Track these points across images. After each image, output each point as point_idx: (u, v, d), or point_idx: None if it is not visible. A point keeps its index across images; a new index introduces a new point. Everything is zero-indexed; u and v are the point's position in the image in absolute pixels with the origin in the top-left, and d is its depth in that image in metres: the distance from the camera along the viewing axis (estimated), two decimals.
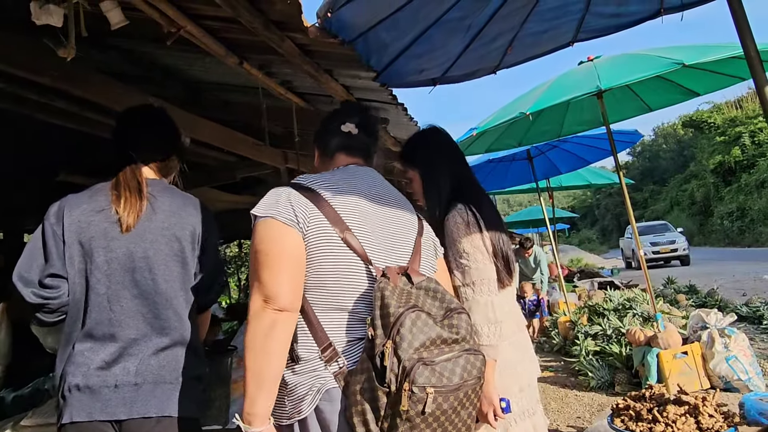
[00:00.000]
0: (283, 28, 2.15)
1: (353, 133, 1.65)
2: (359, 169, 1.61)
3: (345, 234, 1.39)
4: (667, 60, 3.74)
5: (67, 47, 1.69)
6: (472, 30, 2.72)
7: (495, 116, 4.57)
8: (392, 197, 1.60)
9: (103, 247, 1.69)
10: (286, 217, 1.38)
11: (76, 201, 1.75)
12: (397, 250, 1.50)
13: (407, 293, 1.36)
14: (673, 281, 9.99)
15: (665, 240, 19.24)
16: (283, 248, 1.36)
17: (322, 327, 1.39)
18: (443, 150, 2.18)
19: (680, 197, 36.49)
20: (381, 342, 1.27)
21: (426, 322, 1.29)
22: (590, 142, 7.09)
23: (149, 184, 1.82)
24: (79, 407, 1.61)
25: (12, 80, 2.61)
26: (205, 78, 3.36)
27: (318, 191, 1.44)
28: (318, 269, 1.39)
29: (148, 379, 1.66)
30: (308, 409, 1.35)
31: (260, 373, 1.31)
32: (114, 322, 1.67)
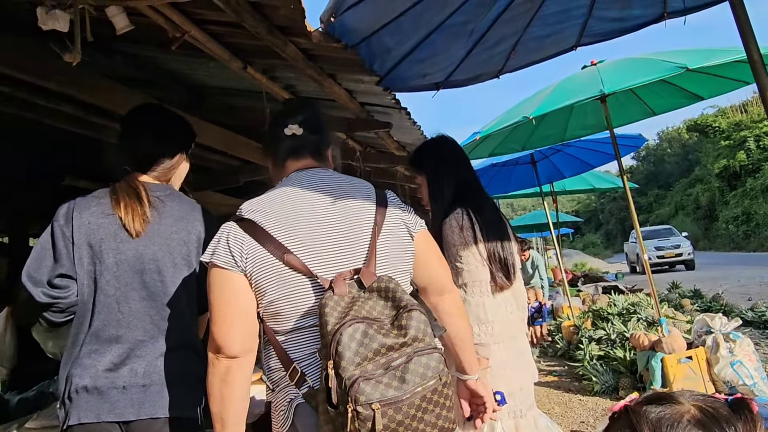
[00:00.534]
0: (286, 33, 2.16)
1: (298, 134, 1.58)
2: (302, 174, 1.54)
3: (286, 257, 1.35)
4: (671, 64, 3.75)
5: (73, 52, 1.70)
6: (475, 34, 2.73)
7: (498, 120, 4.58)
8: (340, 193, 1.50)
9: (113, 249, 1.71)
10: (223, 261, 1.37)
11: (85, 203, 1.76)
12: (348, 251, 1.42)
13: (353, 301, 1.29)
14: (677, 286, 9.95)
15: (670, 244, 19.18)
16: (226, 296, 1.37)
17: (285, 351, 1.39)
18: (449, 157, 2.29)
19: (685, 201, 36.39)
20: (324, 363, 1.23)
21: (366, 333, 1.22)
22: (594, 146, 7.09)
23: (153, 189, 1.83)
24: (87, 408, 1.62)
25: (19, 85, 2.64)
26: (209, 82, 3.38)
27: (254, 220, 1.40)
28: (269, 299, 1.37)
29: (156, 380, 1.67)
30: (287, 423, 1.37)
31: (222, 416, 1.37)
32: (122, 323, 1.68)
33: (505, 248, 2.18)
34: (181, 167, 1.97)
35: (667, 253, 18.85)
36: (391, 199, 1.56)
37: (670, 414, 0.81)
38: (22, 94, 2.70)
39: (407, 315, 1.27)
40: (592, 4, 2.69)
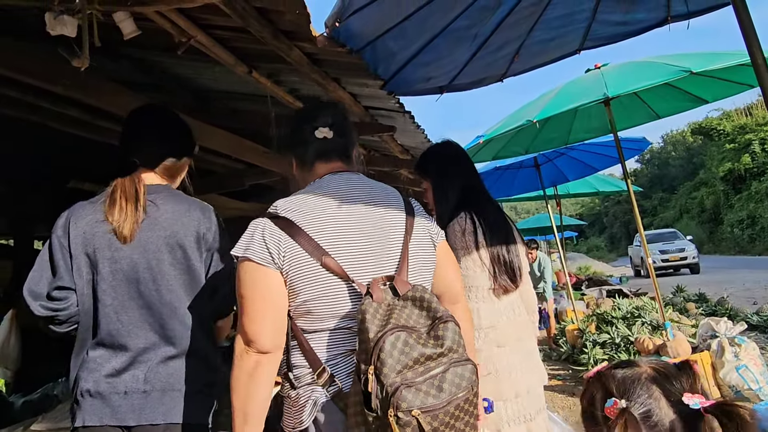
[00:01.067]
0: (291, 38, 2.18)
1: (328, 137, 1.58)
2: (335, 178, 1.55)
3: (324, 259, 1.37)
4: (675, 67, 3.74)
5: (81, 57, 1.72)
6: (479, 38, 2.74)
7: (502, 124, 4.58)
8: (374, 199, 1.53)
9: (108, 258, 1.69)
10: (260, 257, 1.37)
11: (81, 211, 1.75)
12: (382, 258, 1.45)
13: (391, 309, 1.32)
14: (682, 289, 9.91)
15: (674, 248, 19.10)
16: (260, 292, 1.38)
17: (314, 352, 1.40)
18: (453, 162, 2.32)
19: (690, 205, 36.26)
20: (364, 368, 1.25)
21: (407, 341, 1.25)
22: (598, 149, 7.07)
23: (152, 191, 1.80)
24: (91, 412, 1.64)
25: (26, 89, 2.66)
26: (215, 87, 3.40)
27: (291, 218, 1.41)
28: (303, 298, 1.38)
29: (157, 386, 1.67)
30: (308, 420, 1.38)
31: (245, 411, 1.37)
32: (122, 333, 1.68)
33: (510, 251, 2.19)
34: (181, 167, 1.95)
35: (671, 256, 18.77)
36: (416, 207, 1.60)
37: (631, 374, 1.09)
38: (29, 98, 2.72)
39: (443, 326, 1.30)
40: (596, 8, 2.70)
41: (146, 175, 1.83)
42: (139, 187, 1.77)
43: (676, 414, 1.02)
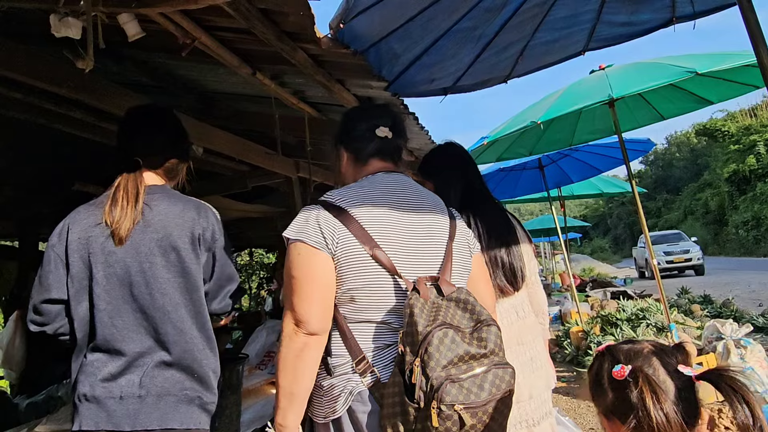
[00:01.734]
0: (295, 39, 2.18)
1: (388, 137, 1.64)
2: (388, 176, 1.60)
3: (374, 251, 1.42)
4: (680, 68, 3.73)
5: (86, 59, 1.72)
6: (483, 40, 2.73)
7: (506, 125, 4.58)
8: (422, 202, 1.59)
9: (102, 263, 1.68)
10: (315, 241, 1.42)
11: (78, 217, 1.74)
12: (427, 258, 1.50)
13: (437, 307, 1.36)
14: (687, 291, 9.86)
15: (679, 249, 19.03)
16: (312, 273, 1.41)
17: (356, 340, 1.44)
18: (455, 164, 2.31)
19: (694, 206, 36.14)
20: (410, 360, 1.30)
21: (453, 339, 1.29)
22: (602, 150, 7.06)
23: (149, 191, 1.78)
24: (88, 416, 1.63)
25: (31, 91, 2.66)
26: (219, 88, 3.40)
27: (346, 209, 1.46)
28: (349, 286, 1.43)
29: (152, 391, 1.65)
30: (342, 409, 1.41)
31: (291, 391, 1.41)
32: (117, 337, 1.66)
33: (511, 253, 2.17)
34: (180, 168, 1.94)
35: (676, 258, 18.71)
36: (458, 218, 1.66)
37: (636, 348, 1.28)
38: (33, 100, 2.73)
39: (487, 329, 1.35)
40: (601, 9, 2.69)
41: (147, 175, 1.82)
42: (140, 187, 1.76)
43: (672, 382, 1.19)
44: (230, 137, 3.49)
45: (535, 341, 2.19)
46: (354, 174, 1.67)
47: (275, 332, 3.93)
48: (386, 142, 1.64)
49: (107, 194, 1.76)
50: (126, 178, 1.76)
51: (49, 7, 1.72)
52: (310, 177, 4.08)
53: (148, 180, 1.82)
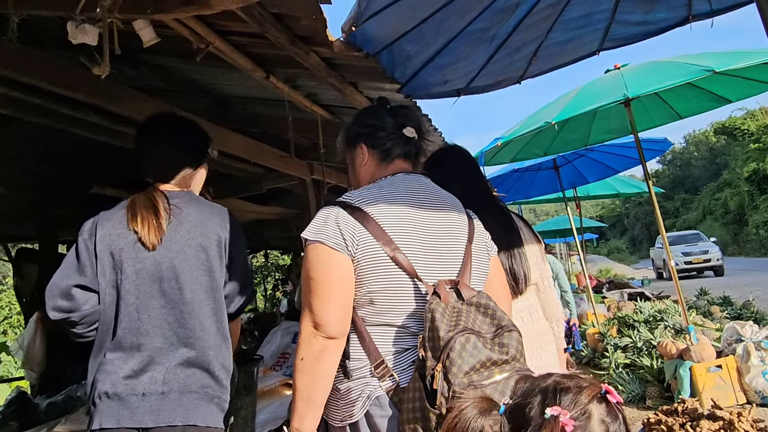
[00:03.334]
0: (308, 43, 2.19)
1: (414, 139, 1.63)
2: (407, 177, 1.59)
3: (394, 253, 1.40)
4: (697, 67, 3.69)
5: (102, 65, 1.75)
6: (496, 40, 2.72)
7: (520, 126, 4.55)
8: (441, 203, 1.57)
9: (132, 258, 1.73)
10: (334, 242, 1.40)
11: (107, 216, 1.80)
12: (446, 261, 1.49)
13: (457, 312, 1.34)
14: (706, 292, 9.71)
15: (698, 250, 18.75)
16: (331, 275, 1.39)
17: (374, 344, 1.43)
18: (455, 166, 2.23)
19: (713, 206, 35.60)
20: (431, 365, 1.28)
21: (475, 345, 1.27)
22: (618, 150, 6.99)
23: (173, 196, 1.84)
24: (108, 414, 1.65)
25: (49, 96, 2.71)
26: (233, 92, 3.43)
27: (365, 210, 1.44)
28: (368, 289, 1.41)
29: (175, 388, 1.68)
30: (359, 413, 1.40)
31: (308, 394, 1.39)
32: (142, 331, 1.70)
33: (512, 256, 2.10)
34: (199, 172, 1.99)
35: (694, 258, 18.43)
36: (475, 219, 1.64)
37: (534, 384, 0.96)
38: (52, 105, 2.77)
39: (508, 335, 1.33)
40: (615, 8, 2.66)
41: (164, 187, 1.88)
42: (156, 199, 1.80)
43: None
44: (245, 140, 3.52)
45: (544, 349, 2.12)
46: (374, 174, 1.63)
47: (290, 333, 3.94)
48: (413, 143, 1.64)
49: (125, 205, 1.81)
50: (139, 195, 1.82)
51: (66, 14, 1.75)
52: (323, 179, 4.10)
53: (169, 187, 1.88)
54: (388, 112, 1.67)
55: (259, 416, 2.51)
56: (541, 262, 2.24)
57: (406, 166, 1.63)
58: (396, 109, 1.70)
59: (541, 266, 2.24)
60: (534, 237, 2.27)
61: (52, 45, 2.34)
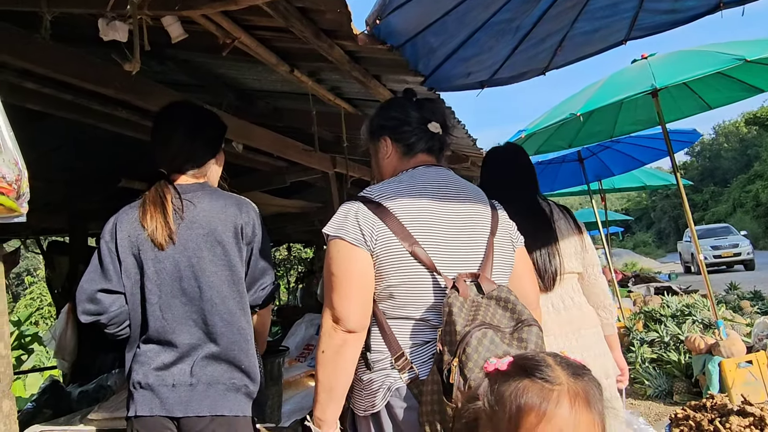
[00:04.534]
0: (333, 36, 2.20)
1: (439, 134, 1.63)
2: (428, 170, 1.59)
3: (413, 248, 1.41)
4: (728, 56, 3.59)
5: (133, 61, 1.78)
6: (521, 31, 2.69)
7: (545, 117, 4.50)
8: (463, 196, 1.56)
9: (152, 258, 1.76)
10: (353, 238, 1.42)
11: (126, 216, 1.82)
12: (468, 254, 1.48)
13: (476, 305, 1.34)
14: (736, 287, 9.50)
15: (727, 243, 18.32)
16: (351, 271, 1.42)
17: (395, 337, 1.44)
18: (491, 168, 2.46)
19: (744, 199, 34.71)
20: (448, 359, 1.28)
21: (493, 339, 1.26)
22: (645, 142, 6.86)
23: (187, 190, 1.83)
24: (142, 402, 1.72)
25: (80, 92, 2.77)
26: (258, 86, 3.46)
27: (385, 205, 1.45)
28: (388, 283, 1.43)
29: (202, 380, 1.73)
30: (380, 404, 1.43)
31: (330, 386, 1.42)
32: (168, 329, 1.74)
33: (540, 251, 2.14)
34: (216, 162, 1.97)
35: (724, 252, 18.02)
36: (499, 209, 1.63)
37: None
38: (82, 101, 2.84)
39: (528, 329, 1.31)
40: None
41: (179, 178, 1.87)
42: (166, 194, 1.79)
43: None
44: (269, 134, 3.55)
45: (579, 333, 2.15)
46: (396, 167, 1.64)
47: (314, 325, 3.98)
48: (437, 138, 1.63)
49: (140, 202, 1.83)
50: (150, 189, 1.81)
51: (97, 11, 1.79)
52: (347, 172, 4.12)
53: (182, 181, 1.87)
54: (414, 105, 1.66)
55: (285, 406, 2.54)
56: (582, 252, 2.28)
57: (429, 160, 1.63)
58: (422, 102, 1.68)
59: (583, 255, 2.28)
60: (574, 227, 2.32)
61: (84, 42, 2.39)
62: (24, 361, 10.38)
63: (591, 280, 2.30)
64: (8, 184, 1.00)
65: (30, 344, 10.69)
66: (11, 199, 1.02)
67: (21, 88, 2.58)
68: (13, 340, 10.40)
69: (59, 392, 3.84)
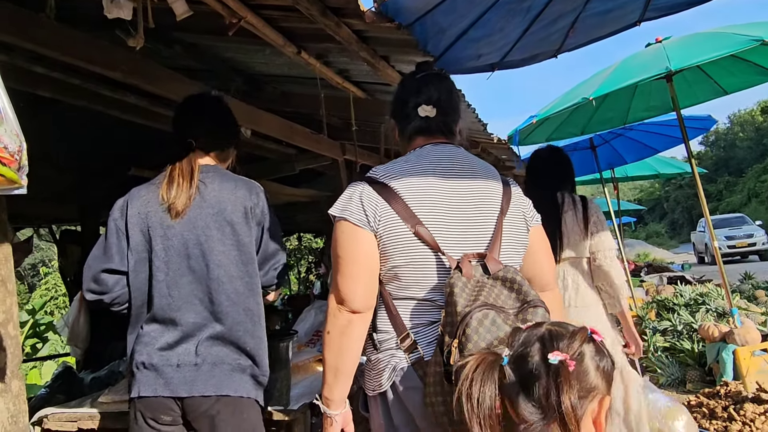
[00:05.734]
0: (340, 15, 2.17)
1: (431, 116, 1.58)
2: (435, 149, 1.55)
3: (416, 228, 1.40)
4: (744, 37, 3.50)
5: (136, 36, 1.77)
6: (532, 12, 2.63)
7: (556, 102, 4.43)
8: (472, 174, 1.53)
9: (161, 236, 1.77)
10: (357, 219, 1.42)
11: (137, 193, 1.85)
12: (475, 234, 1.46)
13: (480, 286, 1.32)
14: (750, 277, 9.39)
15: (742, 234, 18.13)
16: (355, 252, 1.42)
17: (400, 317, 1.44)
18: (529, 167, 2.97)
19: (759, 188, 34.25)
20: (448, 341, 1.28)
21: (494, 320, 1.24)
22: (658, 129, 6.74)
23: (203, 170, 1.87)
24: (146, 383, 1.72)
25: (88, 77, 2.77)
26: (265, 70, 3.44)
27: (390, 185, 1.45)
28: (393, 263, 1.43)
29: (207, 360, 1.74)
30: (387, 384, 1.43)
31: (336, 366, 1.43)
32: (173, 307, 1.75)
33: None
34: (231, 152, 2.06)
35: (738, 242, 17.83)
36: (513, 187, 1.59)
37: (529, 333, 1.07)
38: (90, 85, 2.83)
39: (533, 310, 1.29)
40: None
41: (201, 157, 1.92)
42: (195, 166, 1.85)
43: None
44: (277, 120, 3.53)
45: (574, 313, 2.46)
46: (403, 147, 1.66)
47: (323, 312, 3.98)
48: (430, 120, 1.59)
49: (164, 173, 1.86)
50: (181, 159, 1.86)
51: None
52: (356, 159, 4.09)
53: (201, 161, 1.91)
54: (412, 87, 1.64)
55: (294, 390, 2.53)
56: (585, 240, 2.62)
57: (434, 140, 1.59)
58: (412, 85, 1.65)
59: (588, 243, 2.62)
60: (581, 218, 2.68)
61: (89, 26, 2.37)
62: (39, 350, 10.53)
63: (598, 263, 2.58)
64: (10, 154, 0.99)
65: (45, 333, 10.84)
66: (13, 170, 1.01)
67: (31, 72, 2.58)
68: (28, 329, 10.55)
69: (72, 378, 3.88)
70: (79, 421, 2.37)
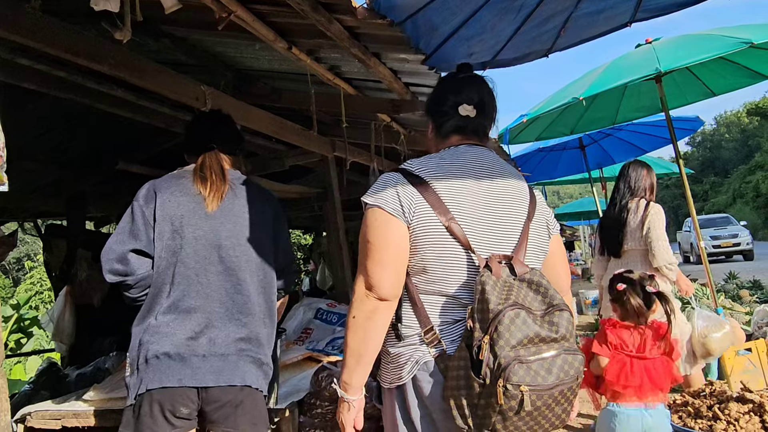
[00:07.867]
0: (331, 10, 2.15)
1: (471, 116, 1.59)
2: (470, 149, 1.57)
3: (449, 223, 1.41)
4: (733, 39, 3.54)
5: (123, 30, 1.74)
6: (524, 10, 2.63)
7: (546, 102, 4.45)
8: (503, 179, 1.55)
9: (192, 225, 1.82)
10: (392, 208, 1.43)
11: (165, 183, 1.89)
12: (502, 236, 1.48)
13: (509, 286, 1.35)
14: (735, 276, 9.49)
15: (727, 234, 18.34)
16: (387, 239, 1.42)
17: (425, 310, 1.45)
18: None
19: (744, 189, 34.71)
20: (479, 336, 1.30)
21: (525, 320, 1.28)
22: (647, 129, 6.80)
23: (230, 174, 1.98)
24: (169, 373, 1.71)
25: (74, 70, 2.72)
26: (256, 65, 3.40)
27: (425, 179, 1.46)
28: (422, 256, 1.43)
29: (233, 351, 1.79)
30: (407, 376, 1.44)
31: (359, 352, 1.44)
32: (200, 294, 1.79)
33: None
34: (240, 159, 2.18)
35: (723, 242, 18.03)
36: (537, 195, 1.63)
37: (629, 277, 2.62)
38: (77, 78, 2.78)
39: (559, 314, 1.34)
40: None
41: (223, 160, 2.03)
42: (225, 165, 1.97)
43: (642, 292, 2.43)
44: (267, 116, 3.49)
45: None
46: (436, 145, 1.66)
47: (312, 309, 3.97)
48: (469, 120, 1.60)
49: (189, 170, 1.95)
50: (209, 158, 1.95)
51: None
52: (346, 156, 4.07)
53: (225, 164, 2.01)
54: (453, 86, 1.67)
55: (282, 388, 2.53)
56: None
57: (467, 141, 1.61)
58: (460, 82, 1.67)
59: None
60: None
61: (75, 18, 2.33)
62: (23, 345, 10.42)
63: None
64: None
65: (29, 328, 10.73)
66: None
67: (15, 64, 2.53)
68: (12, 324, 10.42)
69: (57, 374, 3.83)
70: (63, 419, 2.34)
